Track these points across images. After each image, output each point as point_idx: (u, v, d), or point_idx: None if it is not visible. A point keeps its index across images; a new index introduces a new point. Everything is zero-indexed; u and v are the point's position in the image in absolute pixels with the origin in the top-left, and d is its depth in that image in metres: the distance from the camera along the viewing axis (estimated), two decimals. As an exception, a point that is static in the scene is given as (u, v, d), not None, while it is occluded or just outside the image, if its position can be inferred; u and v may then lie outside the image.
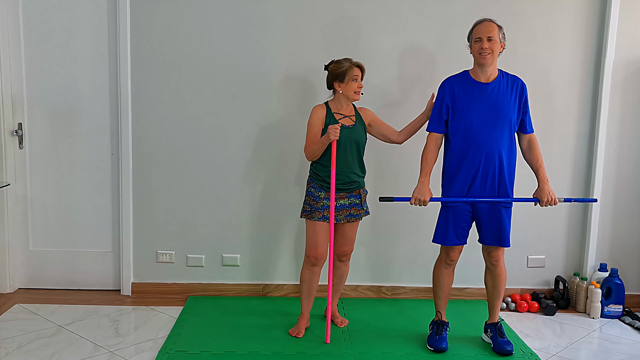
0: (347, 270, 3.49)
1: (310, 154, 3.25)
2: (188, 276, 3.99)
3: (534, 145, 3.17)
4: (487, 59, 3.01)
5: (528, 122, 3.15)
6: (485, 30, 3.03)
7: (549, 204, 3.12)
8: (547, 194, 3.12)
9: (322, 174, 3.25)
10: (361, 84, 3.24)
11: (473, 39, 3.07)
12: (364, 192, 3.35)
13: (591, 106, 3.92)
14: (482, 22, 3.07)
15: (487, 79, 3.08)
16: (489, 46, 3.00)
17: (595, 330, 3.62)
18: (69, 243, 3.98)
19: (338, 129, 3.11)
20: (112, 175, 3.93)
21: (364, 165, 3.34)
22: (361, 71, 3.24)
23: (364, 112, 3.35)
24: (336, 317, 3.53)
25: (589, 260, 4.00)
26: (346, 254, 3.42)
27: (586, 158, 3.97)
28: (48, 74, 3.82)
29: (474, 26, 3.09)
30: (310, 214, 3.26)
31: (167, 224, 3.93)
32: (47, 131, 3.88)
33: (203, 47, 3.77)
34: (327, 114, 3.24)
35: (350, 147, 3.23)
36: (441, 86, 3.16)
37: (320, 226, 3.24)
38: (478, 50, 3.03)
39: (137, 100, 3.82)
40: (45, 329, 3.37)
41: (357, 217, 3.33)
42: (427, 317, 3.52)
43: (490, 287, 3.29)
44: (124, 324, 3.50)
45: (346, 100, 3.25)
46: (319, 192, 3.25)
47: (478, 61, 3.06)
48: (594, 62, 3.89)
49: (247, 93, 3.81)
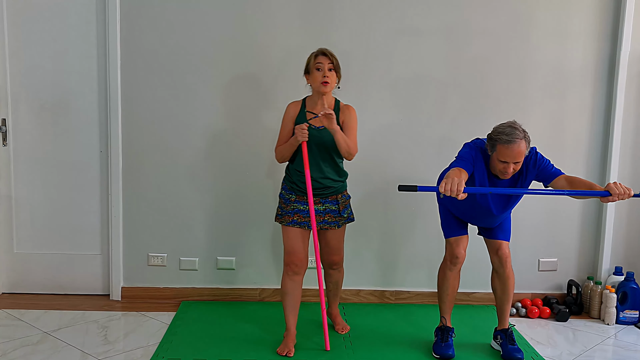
0: (341, 276, 3.42)
1: (279, 155, 3.15)
2: (181, 280, 3.98)
3: (571, 178, 2.97)
4: (509, 176, 2.97)
5: (552, 173, 3.01)
6: (514, 155, 2.86)
7: (621, 197, 2.80)
8: (618, 185, 2.79)
9: (293, 176, 3.16)
10: (327, 73, 3.01)
11: (497, 155, 2.90)
12: (343, 198, 3.22)
13: (605, 101, 3.92)
14: (513, 144, 2.84)
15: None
16: (515, 168, 2.92)
17: (610, 337, 3.61)
18: (56, 245, 3.97)
19: (305, 129, 2.98)
20: (101, 174, 3.92)
21: (342, 168, 3.21)
22: (328, 59, 3.03)
23: (343, 110, 3.14)
24: (337, 324, 3.50)
25: (603, 263, 3.99)
26: (335, 263, 3.32)
27: (600, 156, 3.97)
28: (33, 67, 3.81)
29: (502, 143, 2.86)
30: (280, 217, 3.20)
31: (158, 226, 3.93)
32: (33, 127, 3.87)
33: (197, 39, 3.76)
34: (300, 112, 3.12)
35: (320, 150, 3.08)
36: (470, 150, 3.02)
37: (292, 231, 3.16)
38: (501, 169, 2.93)
39: (128, 95, 3.81)
40: (31, 336, 3.35)
41: (333, 224, 3.20)
42: (433, 323, 3.51)
43: (499, 292, 3.29)
44: (114, 330, 3.49)
45: (318, 94, 3.08)
46: (289, 195, 3.18)
47: (497, 175, 2.99)
48: (609, 55, 3.88)
49: (243, 89, 3.80)
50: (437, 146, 3.85)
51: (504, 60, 3.84)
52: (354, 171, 3.86)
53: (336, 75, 3.08)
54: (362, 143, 3.83)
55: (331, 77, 3.03)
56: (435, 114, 3.86)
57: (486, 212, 3.11)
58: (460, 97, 3.85)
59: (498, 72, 3.84)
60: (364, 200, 3.90)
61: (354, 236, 3.92)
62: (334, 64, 3.04)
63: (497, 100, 3.85)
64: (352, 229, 3.91)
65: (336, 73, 3.08)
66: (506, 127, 2.90)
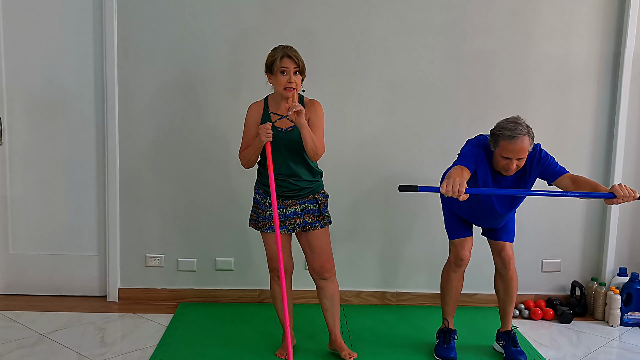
0: (336, 289, 3.16)
1: (244, 160, 3.01)
2: (179, 281, 3.97)
3: (576, 177, 2.94)
4: (511, 173, 2.95)
5: (553, 172, 3.00)
6: (517, 150, 2.84)
7: (626, 199, 2.77)
8: (622, 187, 2.76)
9: (265, 179, 3.01)
10: (292, 78, 2.85)
11: (499, 151, 2.88)
12: (321, 197, 3.08)
13: (610, 100, 3.91)
14: (516, 139, 2.83)
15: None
16: (518, 164, 2.90)
17: (615, 339, 3.60)
18: (52, 246, 3.97)
19: (269, 128, 2.84)
20: (97, 174, 3.91)
21: (316, 167, 3.08)
22: (294, 62, 2.86)
23: (309, 107, 2.98)
24: (342, 349, 3.19)
25: (607, 264, 3.99)
26: (326, 269, 3.09)
27: (604, 156, 3.96)
28: (29, 65, 3.80)
29: (504, 138, 2.84)
30: (256, 223, 3.10)
31: (156, 226, 3.92)
32: (28, 126, 3.86)
33: (196, 36, 3.75)
34: (263, 114, 2.99)
35: (290, 152, 2.96)
36: (474, 145, 3.02)
37: (272, 238, 3.05)
38: (503, 165, 2.91)
39: (125, 93, 3.80)
40: (26, 338, 3.35)
41: (315, 224, 3.05)
42: (435, 325, 3.50)
43: (502, 293, 3.28)
44: (110, 332, 3.49)
45: (281, 96, 2.95)
46: (264, 199, 3.05)
47: (500, 171, 2.97)
48: (613, 53, 3.87)
49: (242, 86, 3.79)
50: (440, 145, 3.84)
51: (507, 57, 3.83)
52: (355, 170, 3.86)
53: (302, 77, 2.93)
54: (364, 142, 3.84)
55: (297, 80, 2.88)
56: (437, 112, 3.85)
57: (491, 211, 3.09)
58: (462, 95, 3.84)
59: (500, 69, 3.84)
60: (366, 199, 3.89)
61: (354, 236, 3.92)
62: (299, 67, 2.89)
63: (499, 98, 3.84)
64: (352, 228, 3.92)
65: (304, 74, 2.94)
66: (509, 122, 2.89)
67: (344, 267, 3.75)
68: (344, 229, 3.86)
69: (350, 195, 3.89)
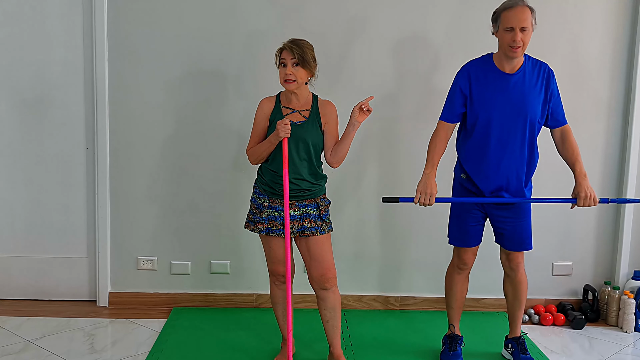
0: (338, 300, 3.09)
1: (254, 156, 3.02)
2: (172, 285, 3.97)
3: (568, 136, 3.09)
4: (518, 52, 2.94)
5: (558, 112, 3.09)
6: (519, 18, 2.87)
7: (587, 203, 2.99)
8: (585, 189, 2.99)
9: (266, 176, 3.01)
10: (291, 70, 2.87)
11: (502, 26, 2.92)
12: (322, 201, 3.04)
13: (624, 96, 3.91)
14: (515, 6, 2.90)
15: (512, 69, 3.02)
16: (522, 38, 2.90)
17: (629, 346, 3.60)
18: (39, 248, 3.97)
19: (288, 124, 2.84)
20: (87, 172, 3.91)
21: (320, 170, 3.05)
22: (291, 54, 2.87)
23: (324, 107, 3.01)
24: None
25: (621, 267, 3.99)
26: (326, 279, 3.02)
27: (618, 154, 3.96)
28: (15, 59, 3.80)
29: (504, 9, 2.93)
30: (252, 224, 3.08)
31: (148, 227, 3.92)
32: (14, 123, 3.86)
33: (189, 29, 3.75)
34: (274, 108, 3.01)
35: (296, 147, 2.94)
36: (461, 72, 3.09)
37: (272, 240, 3.03)
38: (508, 42, 2.91)
39: (115, 88, 3.80)
40: (12, 344, 3.35)
41: (314, 230, 2.99)
42: (440, 331, 3.50)
43: (511, 297, 3.28)
44: (100, 338, 3.49)
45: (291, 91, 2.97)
46: (262, 199, 3.03)
47: (507, 53, 2.96)
48: (627, 46, 3.87)
49: (238, 84, 3.79)
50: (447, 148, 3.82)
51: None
52: (356, 170, 3.86)
53: (306, 70, 2.92)
54: (366, 142, 3.83)
55: (297, 73, 2.88)
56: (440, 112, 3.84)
57: (503, 160, 3.05)
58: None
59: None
60: (367, 200, 3.89)
61: (356, 239, 3.92)
62: (298, 59, 2.87)
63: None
64: (354, 231, 3.92)
65: (308, 66, 2.92)
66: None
67: (345, 269, 3.75)
68: (345, 230, 3.86)
69: (351, 196, 3.88)
